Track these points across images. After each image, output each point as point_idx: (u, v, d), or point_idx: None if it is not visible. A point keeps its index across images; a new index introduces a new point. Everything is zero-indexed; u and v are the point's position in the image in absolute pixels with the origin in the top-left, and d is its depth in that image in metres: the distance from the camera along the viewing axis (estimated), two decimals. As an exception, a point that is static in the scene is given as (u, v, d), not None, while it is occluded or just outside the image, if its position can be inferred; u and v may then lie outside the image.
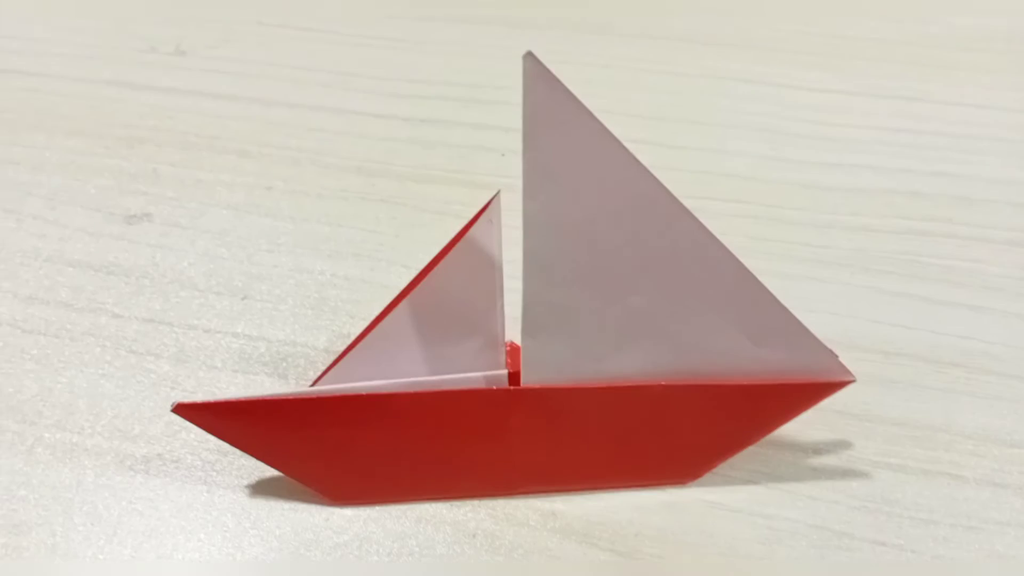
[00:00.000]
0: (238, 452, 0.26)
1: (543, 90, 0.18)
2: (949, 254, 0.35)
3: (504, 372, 0.24)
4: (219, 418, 0.23)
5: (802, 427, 0.27)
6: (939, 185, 0.39)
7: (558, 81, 0.18)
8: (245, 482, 0.26)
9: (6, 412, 0.27)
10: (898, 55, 0.49)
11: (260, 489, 0.25)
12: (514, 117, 0.43)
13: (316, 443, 0.23)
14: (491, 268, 0.23)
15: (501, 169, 0.38)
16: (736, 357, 0.23)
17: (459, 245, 0.23)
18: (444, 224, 0.24)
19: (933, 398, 0.29)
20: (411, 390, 0.23)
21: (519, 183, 0.23)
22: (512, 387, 0.23)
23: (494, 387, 0.23)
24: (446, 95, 0.45)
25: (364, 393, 0.23)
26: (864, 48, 0.50)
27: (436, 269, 0.23)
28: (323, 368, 0.27)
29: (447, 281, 0.23)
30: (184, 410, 0.22)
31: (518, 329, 0.23)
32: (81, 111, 0.43)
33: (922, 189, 0.38)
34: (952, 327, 0.31)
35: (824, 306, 0.32)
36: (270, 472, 0.26)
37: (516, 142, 0.41)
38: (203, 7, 0.53)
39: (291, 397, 0.23)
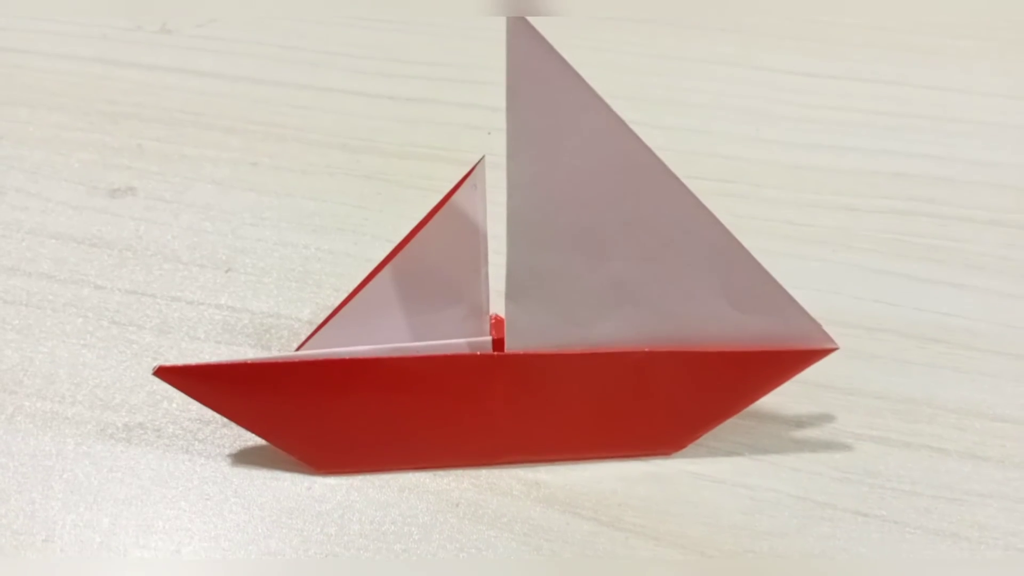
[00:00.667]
0: (220, 422, 0.26)
1: (526, 46, 0.17)
2: (931, 233, 0.35)
3: (488, 339, 0.23)
4: (201, 382, 0.22)
5: (785, 400, 0.26)
6: (921, 166, 0.39)
7: (544, 40, 0.17)
8: (227, 451, 0.25)
9: (-15, 381, 0.27)
10: (878, 40, 0.49)
11: (242, 458, 0.25)
12: (500, 97, 0.43)
13: (298, 409, 0.23)
14: (475, 234, 0.23)
15: (486, 147, 0.38)
16: (720, 324, 0.22)
17: (442, 211, 0.22)
18: (429, 199, 0.23)
19: (915, 372, 0.28)
20: (392, 355, 0.23)
21: (503, 160, 0.22)
22: (496, 352, 0.23)
23: (477, 352, 0.23)
24: (431, 75, 0.44)
25: (347, 358, 0.22)
26: (845, 34, 0.49)
27: (419, 235, 0.23)
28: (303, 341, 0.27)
29: (431, 247, 0.23)
30: (166, 373, 0.22)
31: (502, 303, 0.23)
32: (65, 87, 0.42)
33: (904, 170, 0.38)
34: (934, 304, 0.31)
35: (807, 282, 0.32)
36: (252, 441, 0.25)
37: (502, 121, 0.40)
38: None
39: (273, 361, 0.22)
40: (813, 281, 0.32)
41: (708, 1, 0.52)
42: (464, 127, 0.40)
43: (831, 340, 0.23)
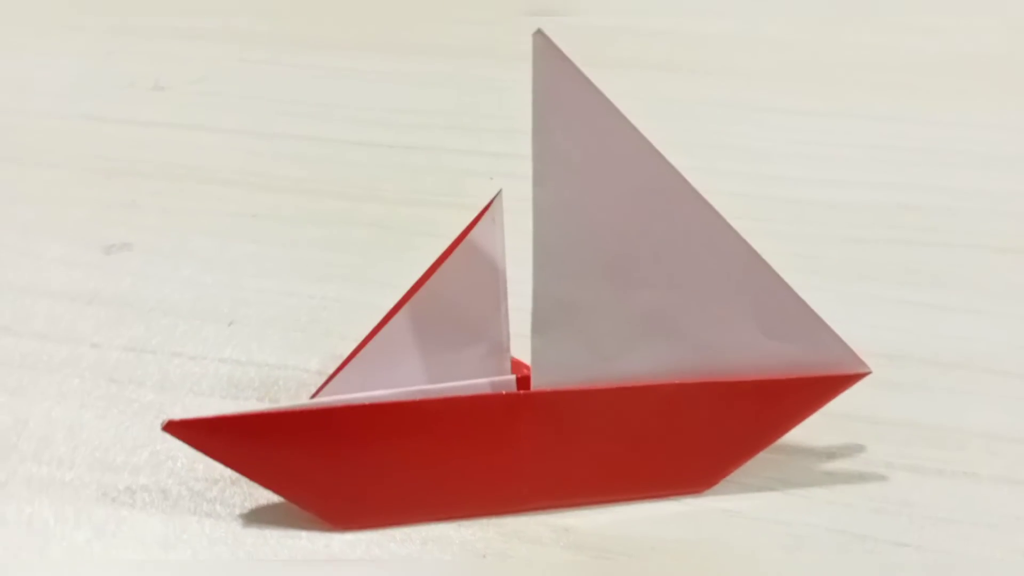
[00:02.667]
0: (228, 479, 0.25)
1: (553, 69, 0.17)
2: (939, 261, 0.35)
3: (512, 377, 0.23)
4: (212, 435, 0.21)
5: (812, 432, 0.26)
6: (922, 197, 0.39)
7: (569, 60, 0.17)
8: (238, 511, 0.24)
9: (-21, 446, 0.26)
10: (870, 79, 0.50)
11: (254, 517, 0.24)
12: (500, 143, 0.44)
13: (315, 460, 0.22)
14: (494, 270, 0.22)
15: (490, 192, 0.38)
16: (751, 352, 0.22)
17: (460, 247, 0.22)
18: (435, 245, 0.23)
19: (940, 399, 0.28)
20: (414, 399, 0.22)
21: (510, 204, 0.22)
22: (522, 391, 0.22)
23: (503, 392, 0.22)
24: (430, 123, 0.45)
25: (364, 403, 0.22)
26: (838, 73, 0.51)
27: (437, 273, 0.22)
28: (315, 390, 0.26)
29: (449, 284, 0.22)
30: (175, 428, 0.21)
31: (518, 344, 0.23)
32: (57, 144, 0.42)
33: (906, 201, 0.39)
34: (951, 330, 0.31)
35: (823, 314, 0.31)
36: (264, 499, 0.24)
37: (504, 166, 0.41)
38: (183, 44, 0.52)
39: (288, 410, 0.21)
40: (828, 312, 0.31)
41: (702, 47, 0.54)
42: (466, 173, 0.40)
43: (864, 364, 0.23)
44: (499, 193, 0.22)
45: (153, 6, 0.59)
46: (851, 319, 0.31)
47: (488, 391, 0.22)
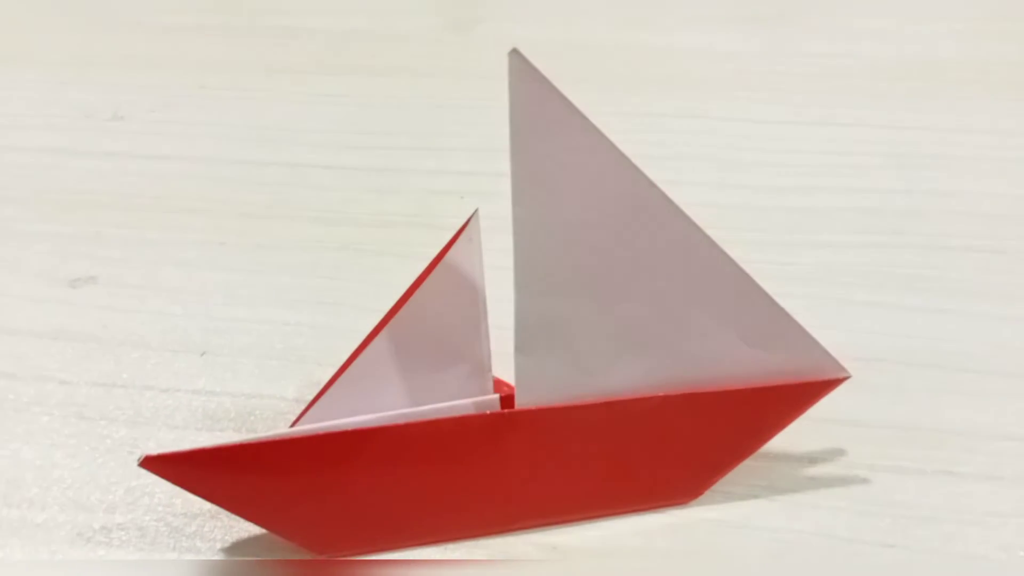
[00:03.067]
0: (208, 514, 0.24)
1: (529, 88, 0.17)
2: (909, 263, 0.35)
3: (496, 397, 0.23)
4: (190, 469, 0.21)
5: (795, 437, 0.26)
6: (888, 201, 0.40)
7: (545, 79, 0.17)
8: (218, 545, 0.24)
9: (-56, 492, 0.25)
10: (827, 87, 0.51)
11: (236, 550, 0.23)
12: (469, 162, 0.44)
13: (297, 489, 0.22)
14: (473, 289, 0.22)
15: (462, 211, 0.38)
16: (733, 361, 0.22)
17: (439, 268, 0.22)
18: (408, 267, 0.23)
19: (917, 399, 0.29)
20: (396, 422, 0.22)
21: (484, 223, 0.22)
22: (506, 411, 0.22)
23: (487, 412, 0.22)
24: (398, 145, 0.45)
25: (346, 430, 0.21)
26: (795, 82, 0.52)
27: (416, 295, 0.22)
28: (294, 419, 0.25)
29: (428, 306, 0.22)
30: (152, 463, 0.20)
31: (500, 363, 0.23)
32: (13, 179, 0.41)
33: (873, 206, 0.39)
34: (924, 330, 0.32)
35: (798, 319, 0.32)
36: (245, 532, 0.24)
37: (473, 185, 0.41)
38: (140, 74, 0.52)
39: (268, 440, 0.21)
40: (804, 317, 0.32)
41: (663, 60, 0.54)
42: (435, 193, 0.40)
43: (843, 368, 0.23)
44: (476, 212, 0.22)
45: (106, 35, 0.58)
46: (825, 324, 0.32)
47: (472, 411, 0.22)
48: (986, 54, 0.55)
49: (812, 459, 0.26)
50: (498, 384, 0.24)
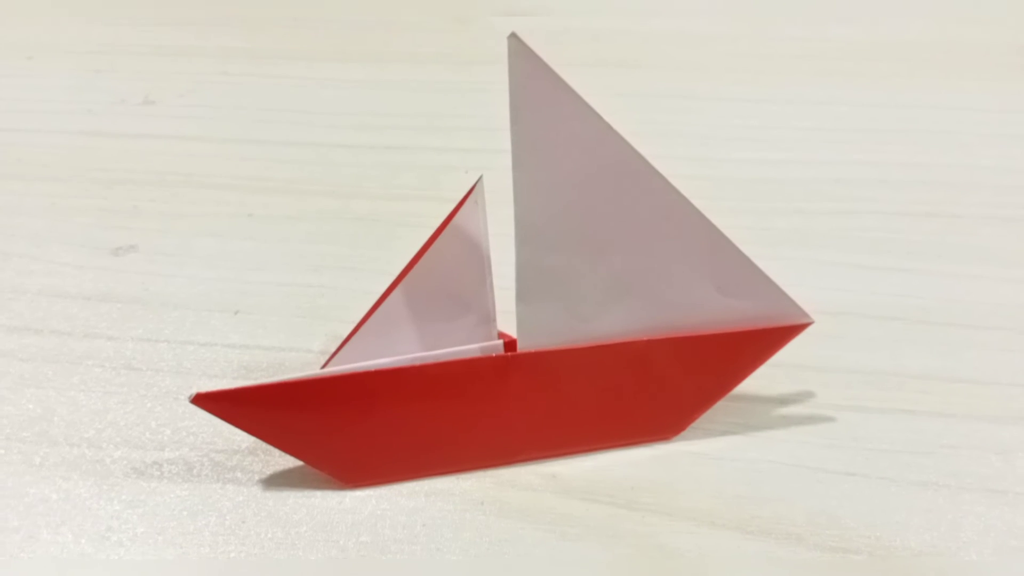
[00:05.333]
0: (246, 450, 0.26)
1: (526, 67, 0.19)
2: (875, 227, 0.37)
3: (500, 342, 0.24)
4: (236, 405, 0.23)
5: (768, 382, 0.28)
6: (858, 172, 0.41)
7: (539, 58, 0.19)
8: (256, 477, 0.25)
9: (12, 435, 0.27)
10: (803, 67, 0.52)
11: (272, 481, 0.25)
12: (472, 139, 0.45)
13: (327, 424, 0.24)
14: (479, 247, 0.24)
15: (466, 185, 0.39)
16: (709, 309, 0.24)
17: (448, 228, 0.24)
18: (418, 235, 0.24)
19: (880, 347, 0.30)
20: (413, 364, 0.23)
21: (487, 196, 0.24)
22: (509, 353, 0.24)
23: (492, 355, 0.24)
24: (407, 125, 0.46)
25: (370, 370, 0.23)
26: (773, 63, 0.53)
27: (428, 253, 0.24)
28: (322, 365, 0.27)
29: (439, 263, 0.24)
30: (202, 400, 0.22)
31: (503, 320, 0.24)
32: (57, 159, 0.43)
33: (843, 176, 0.41)
34: (887, 287, 0.33)
35: (773, 277, 0.34)
36: (280, 465, 0.26)
37: (477, 160, 0.42)
38: (168, 62, 0.53)
39: (302, 380, 0.23)
40: (777, 276, 0.33)
41: (648, 44, 0.56)
42: (442, 168, 0.42)
43: (807, 315, 0.25)
44: (480, 178, 0.23)
45: (136, 25, 0.59)
46: (798, 283, 0.33)
47: (479, 355, 0.24)
48: (951, 36, 0.56)
49: (784, 400, 0.28)
50: (502, 336, 0.26)
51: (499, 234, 0.24)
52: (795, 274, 0.34)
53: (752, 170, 0.41)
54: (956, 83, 0.50)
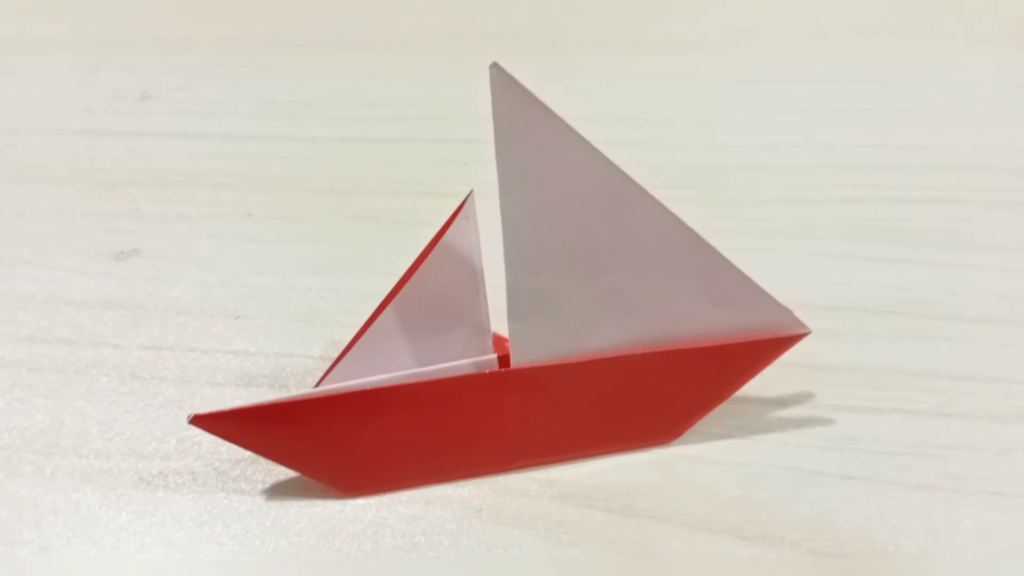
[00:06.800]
0: (249, 460, 0.27)
1: (509, 96, 0.19)
2: (879, 215, 0.37)
3: (493, 356, 0.25)
4: (234, 425, 0.23)
5: (766, 382, 0.28)
6: (863, 156, 0.41)
7: (523, 87, 0.19)
8: (259, 487, 0.26)
9: (22, 446, 0.28)
10: (808, 45, 0.51)
11: (275, 491, 0.26)
12: (471, 129, 0.45)
13: (326, 439, 0.24)
14: (471, 263, 0.24)
15: (465, 178, 0.39)
16: (702, 321, 0.24)
17: (440, 244, 0.24)
18: (418, 233, 0.25)
19: (879, 344, 0.30)
20: (408, 381, 0.24)
21: (486, 189, 0.24)
22: (503, 369, 0.24)
23: (486, 371, 0.24)
24: (404, 115, 0.46)
25: (366, 389, 0.24)
26: (778, 41, 0.52)
27: (420, 269, 0.24)
28: (321, 374, 0.28)
29: (431, 279, 0.24)
30: (201, 421, 0.23)
31: (499, 320, 0.24)
32: (56, 161, 0.43)
33: (848, 161, 0.41)
34: (889, 280, 0.33)
35: (773, 272, 0.33)
36: (282, 475, 0.26)
37: (476, 152, 0.42)
38: (163, 55, 0.53)
39: (299, 399, 0.23)
40: (778, 271, 0.33)
41: (649, 22, 0.55)
42: (441, 161, 0.42)
43: (803, 325, 0.25)
44: (471, 193, 0.24)
45: (130, 19, 0.59)
46: (796, 276, 0.34)
47: (473, 371, 0.24)
48: (966, 6, 0.55)
49: (781, 401, 0.28)
50: (498, 340, 0.26)
51: (495, 230, 0.23)
52: (796, 268, 0.34)
53: (751, 157, 0.41)
54: (967, 57, 0.49)
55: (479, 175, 0.23)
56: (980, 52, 0.50)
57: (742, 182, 0.39)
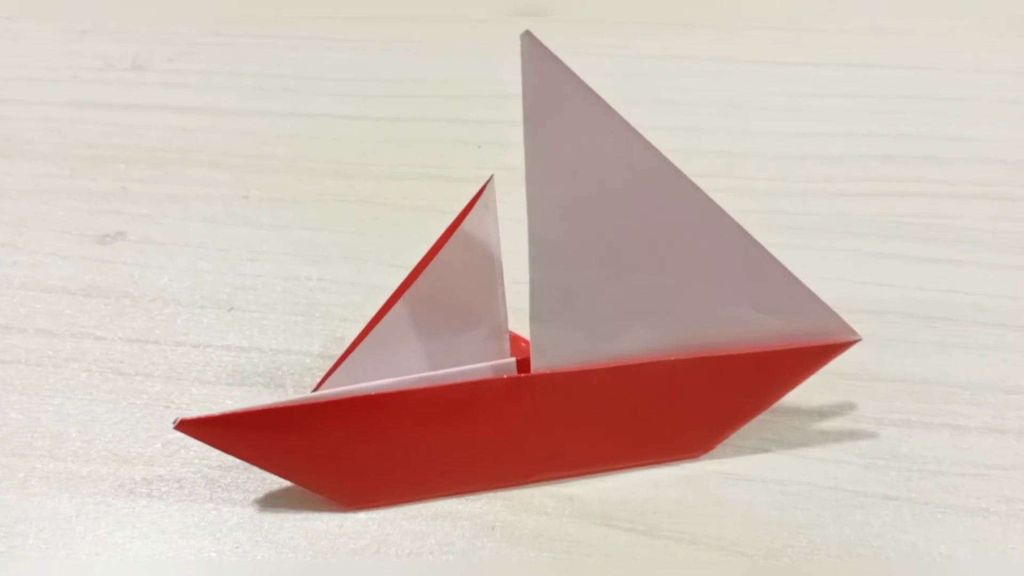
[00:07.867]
0: (241, 466, 0.25)
1: (542, 69, 0.17)
2: (923, 212, 0.35)
3: (512, 360, 0.23)
4: (224, 431, 0.22)
5: (804, 392, 0.26)
6: (905, 146, 0.39)
7: (557, 59, 0.17)
8: (252, 496, 0.25)
9: (-5, 447, 0.26)
10: (849, 26, 0.49)
11: (269, 502, 0.24)
12: (487, 109, 0.43)
13: (324, 448, 0.23)
14: (490, 255, 0.23)
15: (479, 161, 0.38)
16: (743, 326, 0.22)
17: (456, 235, 0.22)
18: (427, 220, 0.23)
19: (926, 352, 0.29)
20: (418, 386, 0.22)
21: (504, 174, 0.22)
22: (523, 374, 0.22)
23: (504, 376, 0.22)
24: (416, 92, 0.44)
25: (370, 394, 0.22)
26: (818, 22, 0.50)
27: (434, 261, 0.22)
28: (320, 374, 0.26)
29: (446, 272, 0.23)
30: (187, 426, 0.21)
31: (517, 319, 0.23)
32: (41, 134, 0.41)
33: (890, 152, 0.39)
34: (936, 282, 0.31)
35: (811, 271, 0.31)
36: (277, 483, 0.25)
37: (492, 134, 0.40)
38: (157, 22, 0.51)
39: (296, 404, 0.22)
40: (817, 270, 0.32)
41: (684, 1, 0.53)
42: (454, 142, 0.40)
43: (853, 332, 0.23)
44: (491, 179, 0.22)
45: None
46: (837, 276, 0.32)
47: (490, 375, 0.23)
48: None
49: (822, 413, 0.27)
50: (515, 340, 0.24)
51: (516, 219, 0.21)
52: (836, 267, 0.32)
53: (789, 145, 0.39)
54: (1020, 44, 0.47)
55: (497, 158, 0.22)
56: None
57: (776, 173, 0.37)
